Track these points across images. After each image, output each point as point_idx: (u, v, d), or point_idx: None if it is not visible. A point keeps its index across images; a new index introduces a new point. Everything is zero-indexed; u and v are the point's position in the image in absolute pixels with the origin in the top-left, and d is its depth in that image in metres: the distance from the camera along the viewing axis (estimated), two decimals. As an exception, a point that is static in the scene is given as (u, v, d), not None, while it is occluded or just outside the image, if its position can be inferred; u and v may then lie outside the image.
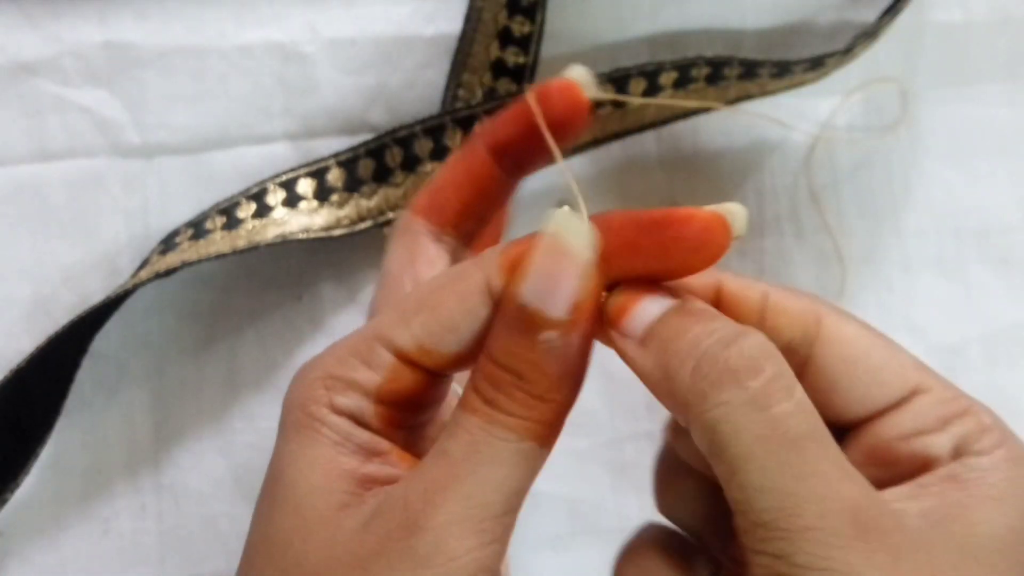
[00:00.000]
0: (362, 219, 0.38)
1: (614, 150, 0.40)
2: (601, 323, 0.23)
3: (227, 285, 0.39)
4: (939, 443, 0.23)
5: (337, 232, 0.38)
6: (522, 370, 0.22)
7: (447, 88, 0.39)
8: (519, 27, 0.39)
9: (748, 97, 0.40)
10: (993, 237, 0.43)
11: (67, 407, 0.37)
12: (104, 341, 0.38)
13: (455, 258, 0.31)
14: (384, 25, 0.40)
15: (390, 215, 0.38)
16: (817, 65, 0.39)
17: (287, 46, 0.39)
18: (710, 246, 0.22)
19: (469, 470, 0.22)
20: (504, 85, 0.39)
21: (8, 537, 0.38)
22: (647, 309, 0.23)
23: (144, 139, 0.39)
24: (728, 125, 0.41)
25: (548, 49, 0.40)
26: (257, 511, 0.23)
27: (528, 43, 0.39)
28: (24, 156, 0.38)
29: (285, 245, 0.37)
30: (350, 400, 0.23)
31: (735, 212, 0.22)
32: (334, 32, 0.39)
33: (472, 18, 0.39)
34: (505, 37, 0.39)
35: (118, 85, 0.39)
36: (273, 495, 0.23)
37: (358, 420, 0.23)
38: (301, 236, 0.37)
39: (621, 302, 0.23)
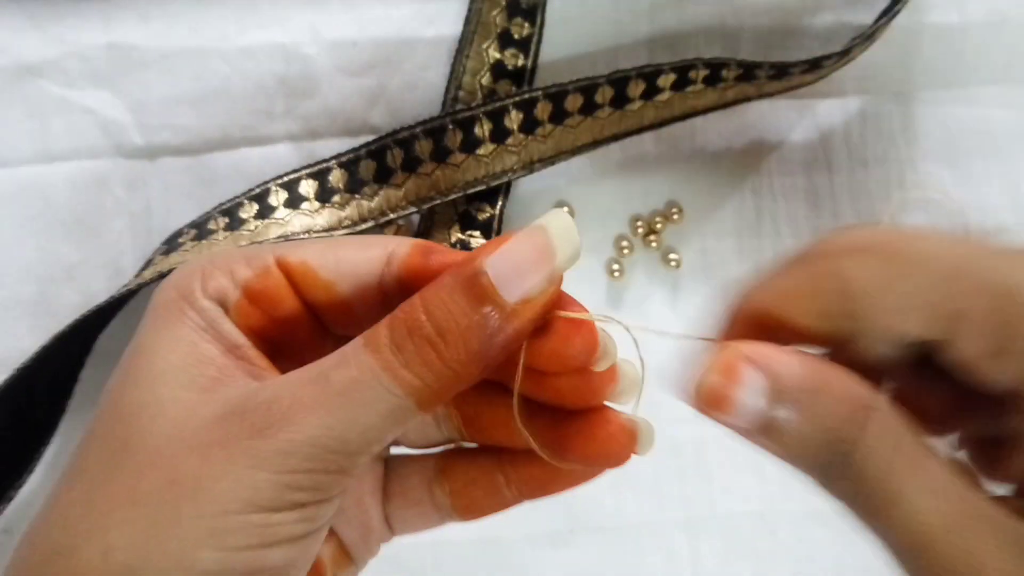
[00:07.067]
0: (363, 220, 0.38)
1: (613, 151, 0.40)
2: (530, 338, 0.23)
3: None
4: None
5: (339, 233, 0.38)
6: (448, 329, 0.21)
7: (447, 90, 0.40)
8: (519, 29, 0.39)
9: (746, 99, 0.40)
10: (988, 238, 0.43)
11: (71, 406, 0.38)
12: (108, 340, 0.38)
13: None
14: (385, 27, 0.40)
15: (391, 216, 0.38)
16: (815, 67, 0.39)
17: (289, 48, 0.39)
18: (611, 446, 0.24)
19: (341, 404, 0.21)
20: (504, 87, 0.39)
21: (13, 535, 0.38)
22: (749, 390, 0.22)
23: (147, 140, 0.39)
24: (726, 127, 0.42)
25: (547, 51, 0.40)
26: (111, 383, 0.23)
27: (528, 45, 0.40)
28: (28, 157, 0.39)
29: (287, 245, 0.37)
30: (218, 283, 0.23)
31: (645, 433, 0.24)
32: (335, 34, 0.39)
33: (472, 20, 0.39)
34: (505, 39, 0.40)
35: (121, 87, 0.39)
36: (129, 368, 0.23)
37: (223, 305, 0.23)
38: (303, 236, 0.37)
39: (716, 385, 0.22)
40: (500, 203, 0.40)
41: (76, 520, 0.21)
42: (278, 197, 0.38)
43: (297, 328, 0.24)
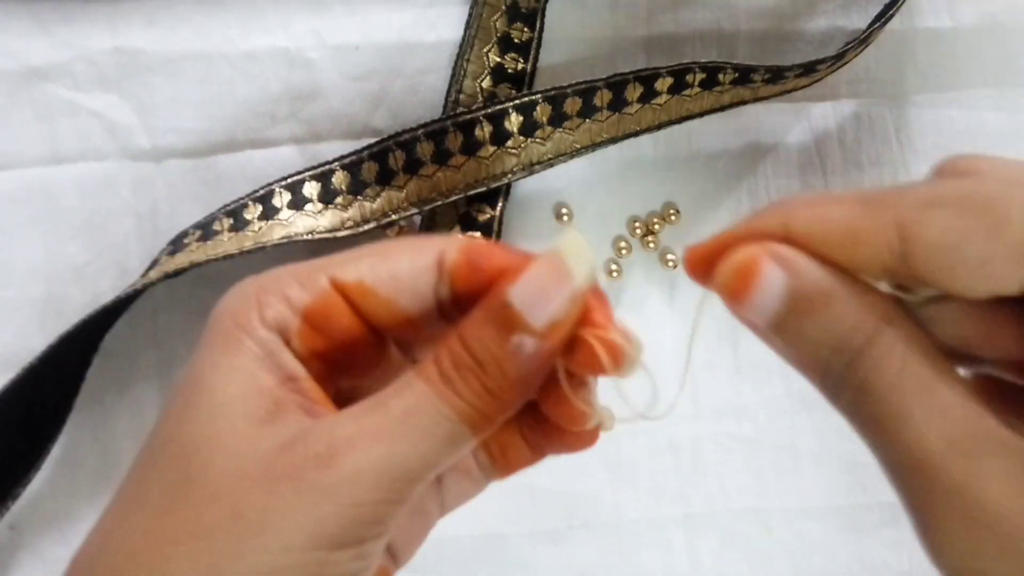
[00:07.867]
0: (366, 221, 0.39)
1: (611, 153, 0.41)
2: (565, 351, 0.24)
3: (234, 285, 0.40)
4: None
5: (342, 233, 0.38)
6: (485, 361, 0.23)
7: (448, 93, 0.40)
8: (519, 34, 0.40)
9: (742, 102, 0.41)
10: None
11: (78, 404, 0.38)
12: (114, 339, 0.39)
13: None
14: (387, 32, 0.40)
15: (393, 216, 0.39)
16: (809, 71, 0.40)
17: (292, 52, 0.40)
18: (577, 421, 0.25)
19: (403, 432, 0.22)
20: (504, 90, 0.40)
21: (20, 531, 0.39)
22: (769, 286, 0.22)
23: (153, 143, 0.40)
24: (722, 130, 0.42)
25: (547, 55, 0.41)
26: (168, 412, 0.23)
27: (528, 49, 0.40)
28: (36, 159, 0.39)
29: (291, 246, 0.38)
30: (276, 310, 0.24)
31: (607, 418, 0.25)
32: (338, 39, 0.40)
33: (473, 25, 0.40)
34: (505, 43, 0.40)
35: (128, 90, 0.39)
36: (188, 399, 0.23)
37: (283, 333, 0.24)
38: (306, 237, 0.38)
39: (738, 275, 0.22)
40: (500, 204, 0.40)
41: (137, 551, 0.21)
42: (282, 198, 0.39)
43: (358, 343, 0.25)
